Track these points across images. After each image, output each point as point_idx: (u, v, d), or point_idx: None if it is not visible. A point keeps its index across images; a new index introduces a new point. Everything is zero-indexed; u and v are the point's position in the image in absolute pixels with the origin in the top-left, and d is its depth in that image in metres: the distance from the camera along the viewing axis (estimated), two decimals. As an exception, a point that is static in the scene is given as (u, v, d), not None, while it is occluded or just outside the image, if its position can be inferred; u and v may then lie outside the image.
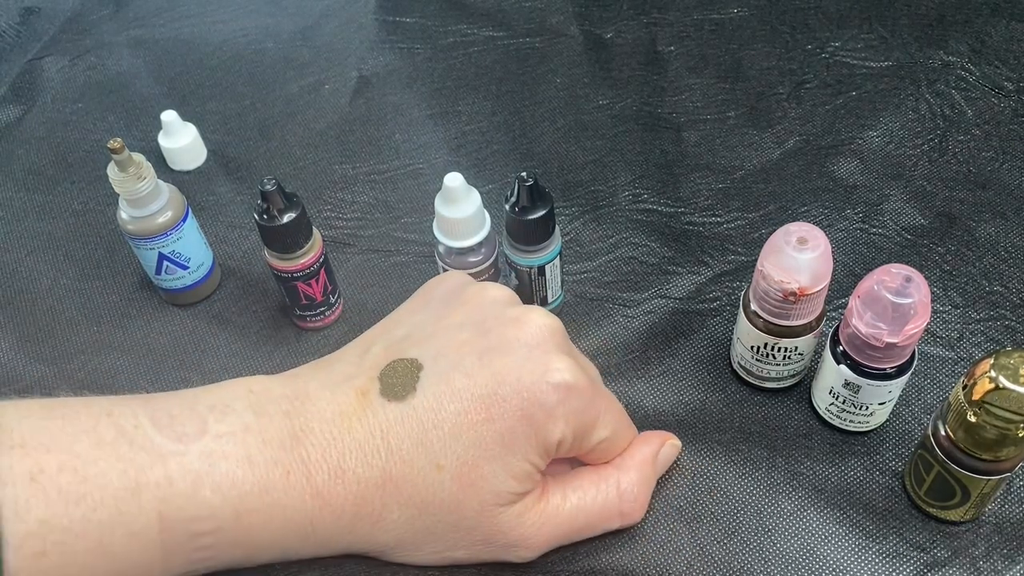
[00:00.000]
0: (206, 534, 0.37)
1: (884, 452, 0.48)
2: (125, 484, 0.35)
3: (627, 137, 0.66)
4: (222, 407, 0.39)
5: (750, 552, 0.44)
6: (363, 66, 0.75)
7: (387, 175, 0.66)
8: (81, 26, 0.82)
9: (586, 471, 0.43)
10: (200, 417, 0.38)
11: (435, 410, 0.39)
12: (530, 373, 0.39)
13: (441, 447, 0.38)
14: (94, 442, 0.36)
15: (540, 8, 0.78)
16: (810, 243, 0.43)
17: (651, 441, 0.45)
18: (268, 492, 0.37)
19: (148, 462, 0.36)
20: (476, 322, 0.41)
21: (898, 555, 0.44)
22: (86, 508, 0.34)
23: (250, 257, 0.61)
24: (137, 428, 0.37)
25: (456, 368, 0.39)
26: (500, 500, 0.39)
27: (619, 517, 0.43)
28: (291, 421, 0.39)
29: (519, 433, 0.38)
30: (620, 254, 0.59)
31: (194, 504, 0.36)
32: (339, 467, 0.38)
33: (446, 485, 0.39)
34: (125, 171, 0.51)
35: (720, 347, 0.53)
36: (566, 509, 0.42)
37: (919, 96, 0.67)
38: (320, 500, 0.38)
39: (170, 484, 0.36)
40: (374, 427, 0.39)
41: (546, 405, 0.39)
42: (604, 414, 0.41)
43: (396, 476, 0.38)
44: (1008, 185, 0.60)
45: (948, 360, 0.51)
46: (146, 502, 0.35)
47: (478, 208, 0.50)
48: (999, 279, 0.55)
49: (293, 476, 0.38)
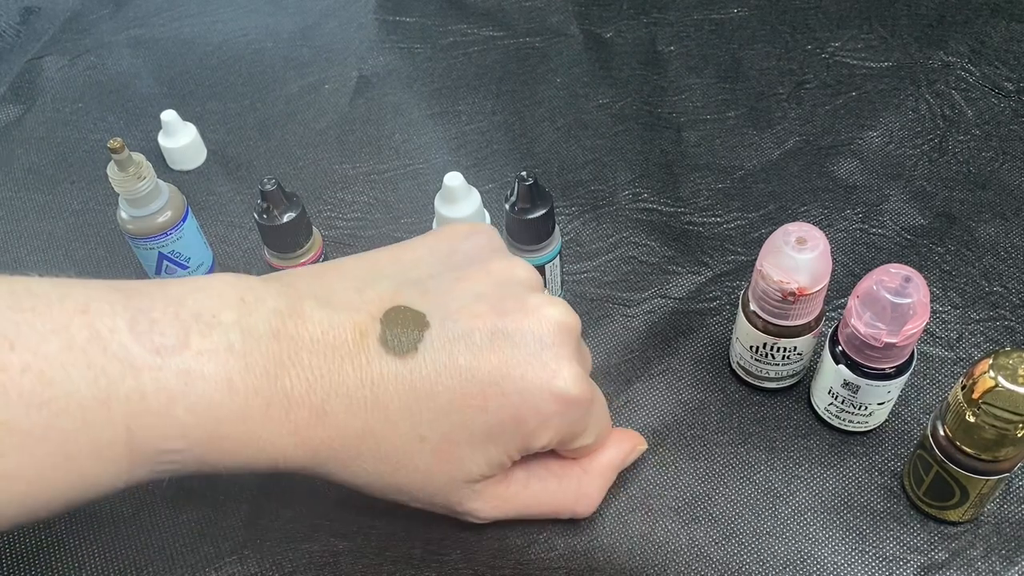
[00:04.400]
0: (176, 451, 0.35)
1: (883, 452, 0.48)
2: (94, 394, 0.33)
3: (627, 137, 0.66)
4: (208, 317, 0.36)
5: (748, 553, 0.44)
6: (363, 66, 0.75)
7: (387, 175, 0.66)
8: (81, 26, 0.82)
9: (552, 461, 0.43)
10: (183, 326, 0.35)
11: (432, 380, 0.37)
12: (536, 375, 0.38)
13: (429, 419, 0.37)
14: (64, 344, 0.33)
15: (540, 8, 0.78)
16: (809, 243, 0.43)
17: (622, 445, 0.45)
18: (245, 422, 0.36)
19: (120, 373, 0.33)
20: (496, 297, 0.39)
21: (896, 557, 0.44)
22: (49, 414, 0.32)
23: (250, 257, 0.61)
24: (113, 332, 0.34)
25: (463, 340, 0.37)
26: (468, 478, 0.40)
27: (571, 513, 0.44)
28: (279, 344, 0.36)
29: (508, 429, 0.38)
30: (620, 254, 0.59)
31: (166, 422, 0.34)
32: (322, 408, 0.37)
33: (424, 456, 0.38)
34: (125, 171, 0.51)
35: (719, 347, 0.53)
36: (524, 495, 0.42)
37: (919, 96, 0.67)
38: (297, 437, 0.37)
39: (142, 399, 0.34)
40: (365, 377, 0.37)
41: (542, 413, 0.38)
42: (593, 424, 0.41)
43: (377, 433, 0.37)
44: (1008, 185, 0.60)
45: (947, 360, 0.51)
46: (115, 415, 0.33)
47: (478, 208, 0.50)
48: (999, 279, 0.55)
49: (273, 409, 0.36)
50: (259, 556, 0.45)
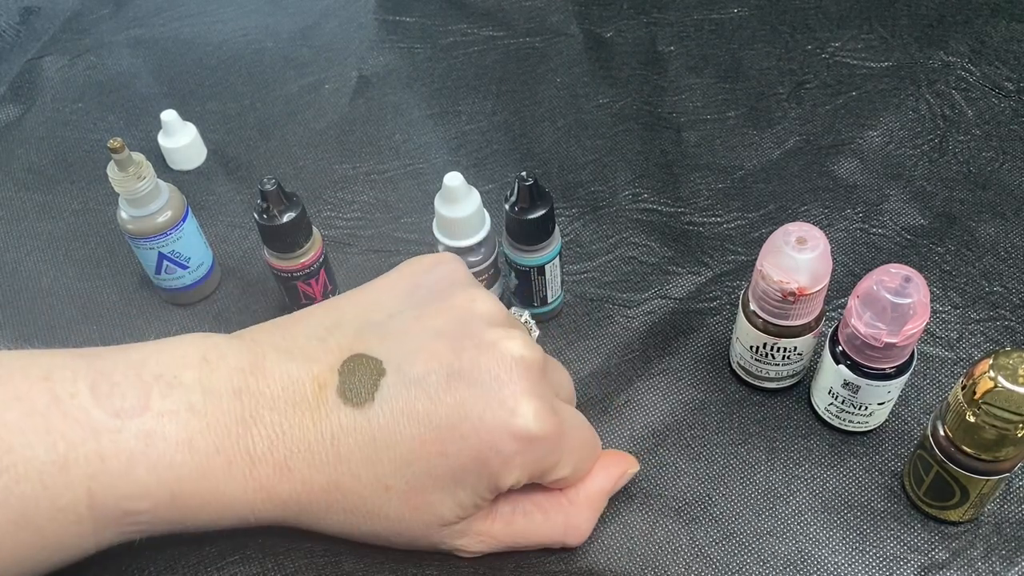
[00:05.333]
0: (140, 512, 0.35)
1: (883, 452, 0.48)
2: (53, 458, 0.33)
3: (627, 137, 0.66)
4: (170, 378, 0.37)
5: (749, 554, 0.44)
6: (363, 66, 0.75)
7: (387, 175, 0.66)
8: (81, 26, 0.82)
9: (538, 494, 0.42)
10: (144, 388, 0.36)
11: (390, 430, 0.37)
12: (493, 416, 0.37)
13: (391, 469, 0.37)
14: (25, 410, 0.34)
15: (540, 7, 0.78)
16: (809, 243, 0.43)
17: (610, 472, 0.44)
18: (207, 479, 0.36)
19: (81, 437, 0.34)
20: (454, 334, 0.38)
21: (897, 557, 0.44)
22: (8, 479, 0.33)
23: (250, 257, 0.61)
24: (73, 397, 0.35)
25: (419, 384, 0.37)
26: (442, 522, 0.39)
27: (560, 545, 0.43)
28: (241, 403, 0.37)
29: (471, 471, 0.37)
30: (620, 254, 0.59)
31: (127, 483, 0.34)
32: (285, 465, 0.37)
33: (393, 504, 0.38)
34: (125, 171, 0.51)
35: (720, 347, 0.53)
36: (510, 531, 0.41)
37: (919, 96, 0.67)
38: (264, 493, 0.37)
39: (101, 461, 0.34)
40: (325, 430, 0.37)
41: (503, 453, 0.37)
42: (566, 457, 0.40)
43: (343, 486, 0.38)
44: (1008, 185, 0.60)
45: (947, 360, 0.51)
46: (74, 477, 0.34)
47: (478, 208, 0.50)
48: (999, 279, 0.55)
49: (235, 466, 0.36)
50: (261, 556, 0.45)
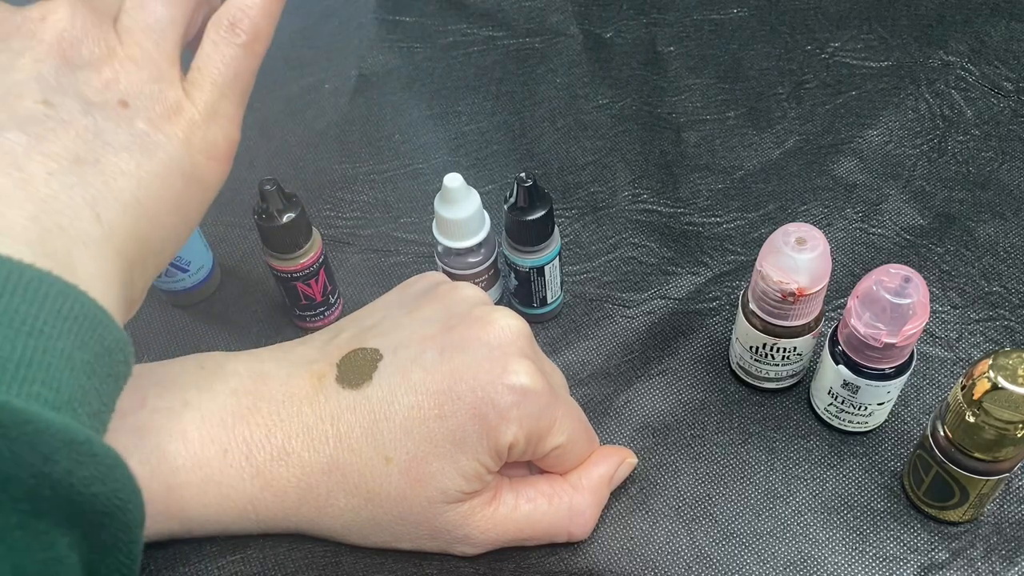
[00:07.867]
0: None
1: (883, 452, 0.48)
2: None
3: (627, 137, 0.66)
4: (167, 383, 0.38)
5: (749, 554, 0.44)
6: (363, 66, 0.75)
7: (387, 175, 0.66)
8: (81, 26, 0.82)
9: (541, 481, 0.43)
10: (141, 392, 0.37)
11: (388, 401, 0.38)
12: (487, 373, 0.38)
13: (391, 439, 0.38)
14: None
15: (540, 8, 0.78)
16: (809, 243, 0.43)
17: (609, 460, 0.44)
18: (201, 468, 0.36)
19: None
20: (443, 318, 0.41)
21: (896, 557, 0.44)
22: None
23: (250, 257, 0.61)
24: None
25: (415, 361, 0.39)
26: (448, 498, 0.39)
27: (567, 535, 0.43)
28: (238, 399, 0.38)
29: (470, 432, 0.38)
30: (620, 254, 0.59)
31: None
32: (283, 449, 0.37)
33: (393, 478, 0.38)
34: (125, 171, 0.51)
35: (719, 347, 0.53)
36: (515, 517, 0.41)
37: (919, 96, 0.67)
38: (261, 480, 0.37)
39: None
40: (324, 412, 0.38)
41: (499, 406, 0.38)
42: (561, 420, 0.40)
43: (343, 464, 0.38)
44: (1008, 185, 0.60)
45: (947, 360, 0.51)
46: None
47: (477, 209, 0.50)
48: (998, 279, 0.55)
49: (231, 455, 0.37)
50: (262, 555, 0.45)
